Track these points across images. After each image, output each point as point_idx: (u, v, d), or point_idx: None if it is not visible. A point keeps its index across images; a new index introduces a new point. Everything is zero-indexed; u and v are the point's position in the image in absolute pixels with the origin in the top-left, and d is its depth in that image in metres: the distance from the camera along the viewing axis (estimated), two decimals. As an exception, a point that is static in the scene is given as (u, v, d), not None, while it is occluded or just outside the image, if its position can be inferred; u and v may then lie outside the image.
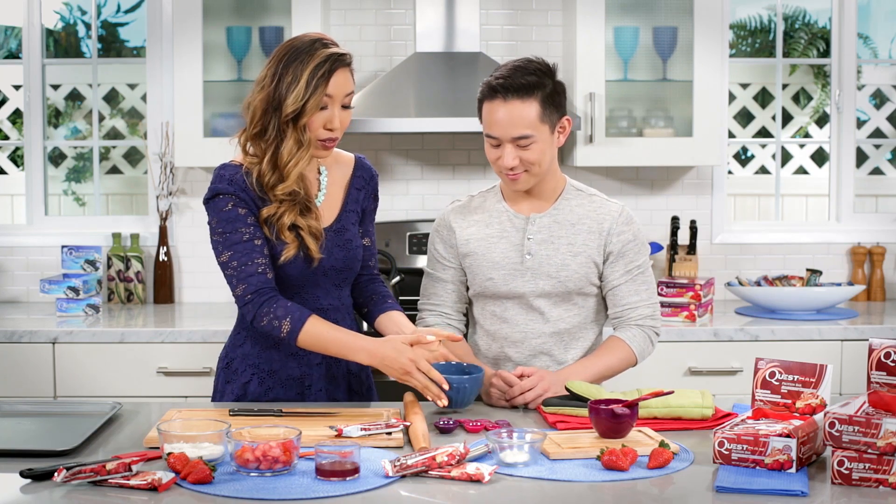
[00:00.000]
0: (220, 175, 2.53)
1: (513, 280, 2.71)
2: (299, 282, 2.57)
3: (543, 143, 2.61)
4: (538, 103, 2.58)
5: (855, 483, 1.95)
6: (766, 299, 3.96)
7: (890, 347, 2.03)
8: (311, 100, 2.46)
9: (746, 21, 4.88)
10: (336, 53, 2.49)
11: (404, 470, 2.01)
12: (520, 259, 2.71)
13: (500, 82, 2.58)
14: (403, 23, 4.34)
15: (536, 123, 2.58)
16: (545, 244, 2.70)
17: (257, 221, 2.51)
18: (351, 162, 2.72)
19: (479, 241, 2.75)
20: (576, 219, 2.71)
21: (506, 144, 2.60)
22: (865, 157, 4.70)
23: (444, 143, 4.38)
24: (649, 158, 4.08)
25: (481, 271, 2.74)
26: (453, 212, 2.81)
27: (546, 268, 2.69)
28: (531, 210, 2.73)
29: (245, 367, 2.64)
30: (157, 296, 4.30)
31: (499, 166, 2.64)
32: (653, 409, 2.38)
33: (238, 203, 2.49)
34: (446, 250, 2.79)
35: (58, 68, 4.71)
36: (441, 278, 2.81)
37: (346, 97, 2.52)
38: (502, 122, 2.58)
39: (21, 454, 2.14)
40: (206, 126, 4.04)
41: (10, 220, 4.69)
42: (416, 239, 4.25)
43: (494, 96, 2.59)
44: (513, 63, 2.62)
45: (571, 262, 2.69)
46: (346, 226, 2.63)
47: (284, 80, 2.47)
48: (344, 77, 2.50)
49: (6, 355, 3.70)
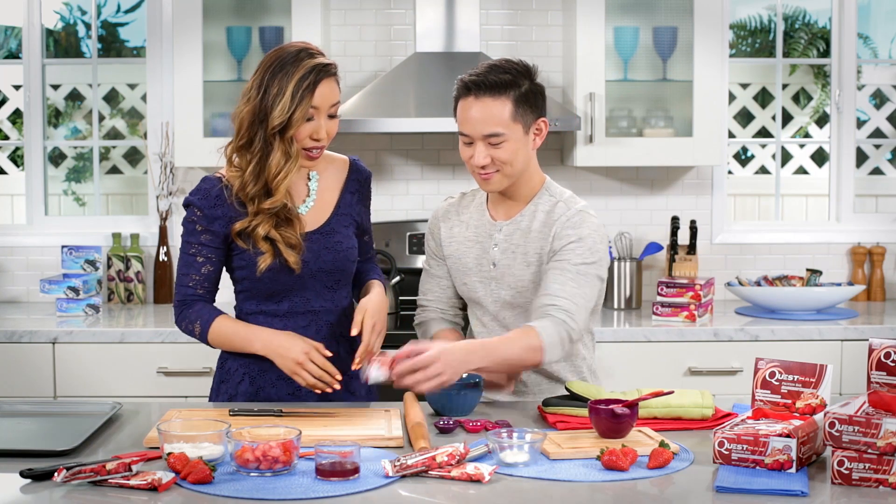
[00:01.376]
0: (199, 187, 2.61)
1: (482, 287, 2.70)
2: (286, 286, 2.59)
3: (516, 143, 2.57)
4: (511, 102, 2.55)
5: (855, 483, 1.95)
6: (766, 299, 3.96)
7: (890, 347, 2.03)
8: (296, 111, 2.47)
9: (746, 21, 4.88)
10: (321, 64, 2.50)
11: (404, 470, 2.01)
12: (487, 267, 2.69)
13: (474, 80, 2.57)
14: (403, 23, 4.34)
15: (508, 122, 2.55)
16: (506, 253, 2.66)
17: (215, 236, 2.57)
18: (345, 165, 2.72)
19: (458, 244, 2.74)
20: (535, 226, 2.64)
21: (477, 142, 2.57)
22: (865, 157, 4.70)
23: (444, 143, 4.37)
24: (649, 158, 4.08)
25: (458, 275, 2.74)
26: (443, 210, 2.81)
27: (507, 278, 2.66)
28: (504, 215, 2.70)
29: (237, 367, 2.66)
30: (157, 296, 4.30)
31: (471, 165, 2.61)
32: (653, 409, 2.38)
33: (199, 219, 2.58)
34: (437, 244, 2.79)
35: (58, 68, 4.70)
36: (435, 274, 2.81)
37: (332, 107, 2.54)
38: (474, 120, 2.56)
39: (21, 454, 2.14)
40: (206, 126, 4.04)
41: (10, 220, 4.69)
42: (416, 239, 4.25)
43: (468, 94, 2.58)
44: (490, 62, 2.61)
45: (525, 272, 2.64)
46: (337, 228, 2.64)
47: (270, 91, 2.49)
48: (329, 87, 2.51)
49: (6, 355, 3.70)
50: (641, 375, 3.64)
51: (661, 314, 3.87)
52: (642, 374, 3.65)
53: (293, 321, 2.62)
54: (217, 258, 2.61)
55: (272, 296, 2.60)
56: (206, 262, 2.60)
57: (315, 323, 2.64)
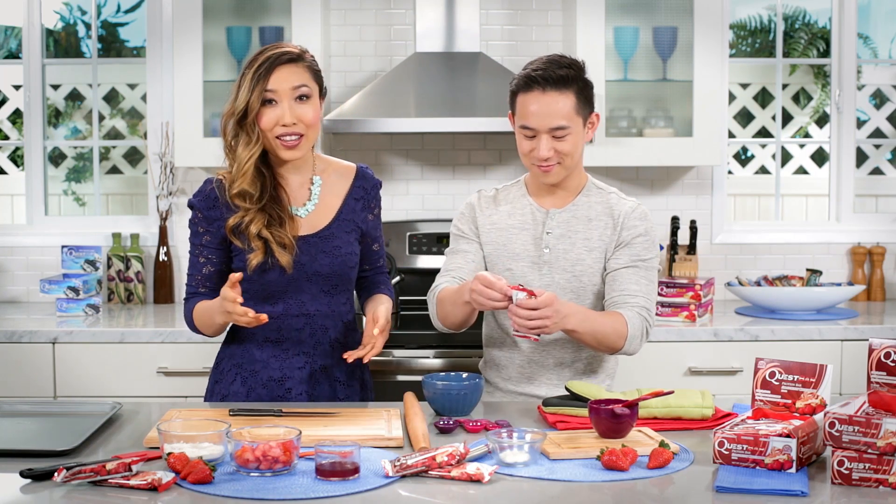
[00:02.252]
0: (199, 189, 2.68)
1: (530, 272, 2.71)
2: (281, 287, 2.60)
3: (577, 136, 2.64)
4: (574, 95, 2.62)
5: (855, 483, 1.95)
6: (766, 299, 3.96)
7: (890, 347, 2.03)
8: (252, 95, 2.54)
9: (746, 21, 4.88)
10: (278, 52, 2.57)
11: (404, 470, 2.01)
12: (538, 252, 2.71)
13: (539, 73, 2.61)
14: (403, 23, 4.34)
15: (572, 115, 2.61)
16: (563, 239, 2.71)
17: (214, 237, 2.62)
18: (351, 172, 2.74)
19: (500, 231, 2.76)
20: (593, 214, 2.73)
21: (541, 135, 2.61)
22: (865, 157, 4.70)
23: (444, 143, 4.37)
24: (649, 158, 4.08)
25: (500, 261, 2.75)
26: (479, 199, 2.82)
27: (562, 262, 2.71)
28: (552, 205, 2.75)
29: (230, 368, 2.68)
30: (157, 296, 4.30)
31: (532, 158, 2.65)
32: (653, 409, 2.38)
33: (199, 221, 2.64)
34: (470, 229, 2.80)
35: (58, 68, 4.70)
36: (462, 250, 2.79)
37: (298, 89, 2.56)
38: (540, 113, 2.60)
39: (21, 454, 2.14)
40: (206, 126, 4.04)
41: (10, 220, 4.69)
42: (416, 239, 4.24)
43: (532, 87, 2.61)
44: (546, 57, 2.66)
45: (587, 256, 2.70)
46: (337, 234, 2.65)
47: (239, 89, 2.57)
48: (288, 71, 2.56)
49: (6, 355, 3.70)
50: (641, 375, 3.64)
51: (662, 314, 3.87)
52: (642, 374, 3.65)
53: (287, 323, 2.63)
54: (217, 258, 2.64)
55: (268, 297, 2.61)
56: (207, 262, 2.65)
57: (310, 326, 2.65)
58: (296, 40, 3.93)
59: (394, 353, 3.66)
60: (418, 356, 3.66)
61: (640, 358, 3.69)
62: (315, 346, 2.65)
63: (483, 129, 3.86)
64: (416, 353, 3.66)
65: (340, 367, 2.68)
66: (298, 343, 2.64)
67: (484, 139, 4.36)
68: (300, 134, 2.57)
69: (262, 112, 2.55)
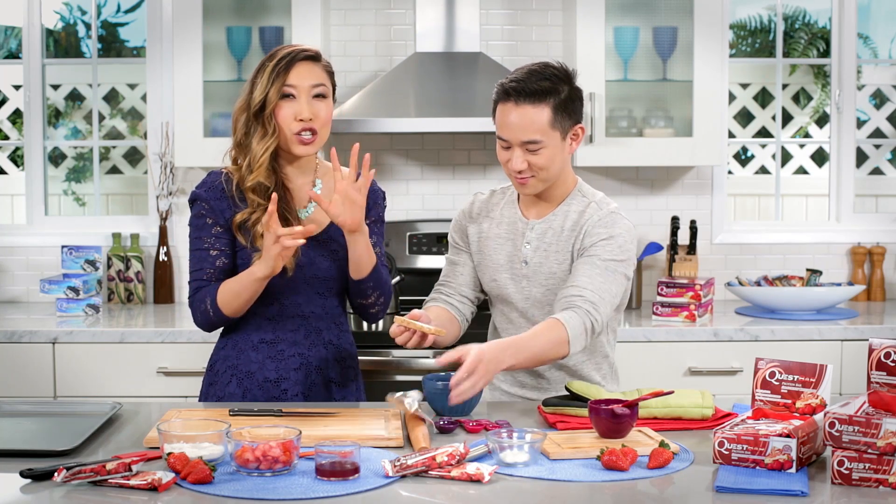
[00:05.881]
0: (203, 181, 2.66)
1: (511, 285, 2.70)
2: (278, 289, 2.60)
3: (553, 149, 2.57)
4: (550, 109, 2.55)
5: (855, 483, 1.95)
6: (765, 299, 3.96)
7: (890, 347, 2.03)
8: (271, 88, 2.55)
9: (746, 21, 4.88)
10: (298, 50, 2.59)
11: (404, 470, 2.02)
12: (518, 265, 2.70)
13: (514, 86, 2.56)
14: (403, 23, 4.34)
15: (547, 129, 2.55)
16: (539, 252, 2.68)
17: (224, 229, 2.59)
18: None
19: (486, 241, 2.74)
20: (567, 225, 2.66)
21: (515, 148, 2.58)
22: (865, 157, 4.70)
23: (444, 143, 4.37)
24: (649, 158, 4.08)
25: (486, 272, 2.74)
26: (472, 205, 2.81)
27: (538, 276, 2.67)
28: (536, 214, 2.71)
29: (226, 369, 2.68)
30: (157, 296, 4.30)
31: (508, 168, 2.63)
32: (653, 409, 2.38)
33: (208, 212, 2.61)
34: (461, 238, 2.80)
35: (58, 68, 4.70)
36: (455, 261, 2.80)
37: (316, 87, 2.58)
38: (513, 126, 2.56)
39: (21, 454, 2.14)
40: (206, 126, 4.04)
41: (10, 220, 4.68)
42: (416, 239, 4.25)
43: (507, 99, 2.58)
44: (529, 67, 2.60)
45: (558, 269, 2.65)
46: (335, 237, 2.65)
47: (256, 83, 2.58)
48: (307, 68, 2.58)
49: (6, 355, 3.70)
50: (641, 375, 3.64)
51: (661, 314, 3.87)
52: (642, 374, 3.65)
53: (283, 324, 2.64)
54: (230, 251, 2.61)
55: (264, 298, 2.60)
56: (220, 254, 2.60)
57: (304, 327, 2.65)
58: (296, 40, 3.93)
59: (393, 353, 3.66)
60: (417, 356, 3.66)
61: (639, 358, 3.70)
62: (310, 347, 2.65)
63: (483, 129, 3.86)
64: (416, 353, 3.66)
65: (335, 368, 2.68)
66: (294, 344, 2.65)
67: (484, 139, 4.36)
68: (315, 131, 2.58)
69: (280, 105, 2.56)
